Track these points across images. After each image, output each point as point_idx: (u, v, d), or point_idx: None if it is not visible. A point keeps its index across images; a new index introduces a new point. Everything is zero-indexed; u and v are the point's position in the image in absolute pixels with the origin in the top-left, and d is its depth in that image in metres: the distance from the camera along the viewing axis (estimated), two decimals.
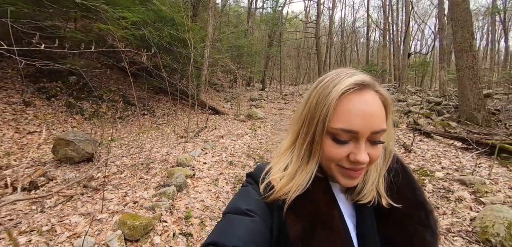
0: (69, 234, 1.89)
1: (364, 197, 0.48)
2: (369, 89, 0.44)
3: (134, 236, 1.84)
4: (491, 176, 2.85)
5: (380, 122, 0.43)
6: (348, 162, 0.44)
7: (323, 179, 0.49)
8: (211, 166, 3.46)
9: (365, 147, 0.44)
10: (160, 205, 2.25)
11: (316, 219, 0.45)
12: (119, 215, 2.12)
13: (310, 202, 0.47)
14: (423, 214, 0.48)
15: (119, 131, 6.37)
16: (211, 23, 9.19)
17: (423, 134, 4.91)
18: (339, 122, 0.43)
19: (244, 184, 0.55)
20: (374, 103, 0.43)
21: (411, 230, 0.47)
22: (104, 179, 2.90)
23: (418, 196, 0.50)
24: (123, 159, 4.05)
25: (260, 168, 0.55)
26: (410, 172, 0.54)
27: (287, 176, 0.48)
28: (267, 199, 0.48)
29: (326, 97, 0.44)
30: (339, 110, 0.43)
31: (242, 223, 0.44)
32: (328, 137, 0.45)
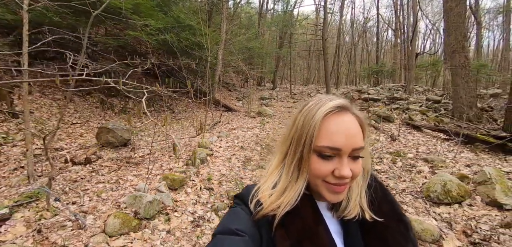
0: (129, 184, 2.76)
1: (349, 213, 0.52)
2: (347, 111, 0.50)
3: (174, 186, 2.69)
4: (456, 158, 3.50)
5: (359, 140, 0.49)
6: (333, 177, 0.48)
7: (310, 197, 0.52)
8: (226, 149, 4.30)
9: (348, 163, 0.48)
10: (189, 170, 3.10)
11: (304, 234, 0.48)
12: (160, 175, 2.98)
13: (298, 218, 0.49)
14: (403, 227, 0.53)
15: (144, 124, 7.36)
16: (224, 27, 10.08)
17: (414, 128, 5.53)
18: (324, 140, 0.48)
19: (232, 206, 0.57)
20: (352, 123, 0.49)
21: (393, 242, 0.51)
22: (149, 155, 3.80)
23: (397, 210, 0.55)
24: (153, 145, 4.97)
25: (248, 189, 0.57)
26: (386, 188, 0.60)
27: (277, 192, 0.51)
28: (257, 215, 0.50)
29: (311, 119, 0.49)
30: (323, 129, 0.48)
31: (232, 242, 0.46)
32: (315, 155, 0.49)
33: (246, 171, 3.54)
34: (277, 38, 20.55)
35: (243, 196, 0.56)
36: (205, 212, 2.44)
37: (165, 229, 2.11)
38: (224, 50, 10.55)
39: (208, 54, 6.21)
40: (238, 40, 12.72)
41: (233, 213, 0.53)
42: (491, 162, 3.30)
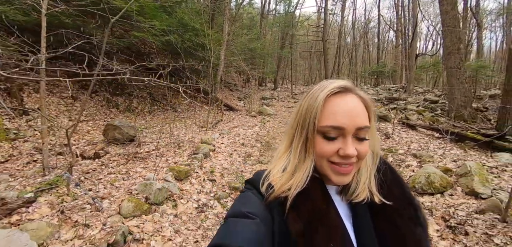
0: (138, 175, 3.01)
1: (358, 196, 0.53)
2: (350, 92, 0.52)
3: (180, 177, 2.94)
4: (445, 154, 3.73)
5: (363, 119, 0.50)
6: (338, 157, 0.49)
7: (319, 179, 0.53)
8: (227, 145, 4.55)
9: (353, 143, 0.49)
10: (193, 163, 3.35)
11: (315, 216, 0.49)
12: (167, 168, 3.23)
13: (309, 200, 0.50)
14: (412, 210, 0.54)
15: (148, 122, 7.62)
16: (226, 28, 10.34)
17: (409, 127, 5.74)
18: (327, 120, 0.49)
19: (243, 190, 0.59)
20: (356, 103, 0.51)
21: (402, 225, 0.51)
22: (155, 150, 4.04)
23: (407, 193, 0.56)
24: (158, 141, 5.22)
25: (258, 174, 0.59)
26: (397, 172, 0.60)
27: (287, 174, 0.52)
28: (269, 198, 0.51)
29: (314, 101, 0.50)
30: (326, 110, 0.50)
31: (244, 225, 0.47)
32: (319, 136, 0.50)
33: (246, 165, 3.78)
34: (278, 39, 20.80)
35: (253, 181, 0.57)
36: (208, 200, 2.69)
37: (173, 213, 2.35)
38: (226, 50, 10.81)
39: (210, 55, 6.46)
40: (240, 41, 12.98)
41: (244, 197, 0.55)
42: (477, 158, 3.52)
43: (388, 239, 0.51)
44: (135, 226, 2.07)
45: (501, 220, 2.09)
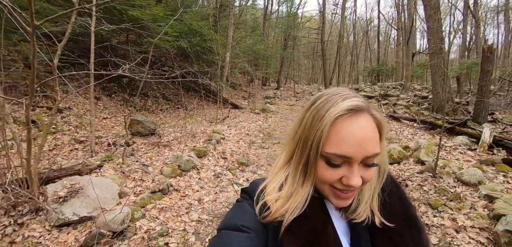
0: (167, 154, 3.99)
1: (358, 215, 0.50)
2: (363, 113, 0.46)
3: (200, 154, 3.91)
4: (414, 138, 4.62)
5: (373, 146, 0.45)
6: (341, 184, 0.46)
7: (318, 198, 0.51)
8: (235, 135, 5.51)
9: (358, 170, 0.45)
10: (208, 146, 4.32)
11: (312, 237, 0.47)
12: (188, 149, 4.20)
13: (306, 222, 0.48)
14: (416, 233, 0.51)
15: (162, 119, 8.64)
16: (231, 32, 11.33)
17: (394, 119, 6.62)
18: (333, 147, 0.44)
19: (239, 200, 0.57)
20: (367, 128, 0.45)
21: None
22: (179, 138, 5.02)
23: (410, 214, 0.53)
24: (179, 131, 6.22)
25: (255, 184, 0.57)
26: (402, 190, 0.58)
27: (283, 198, 0.50)
28: (264, 220, 0.49)
29: (320, 121, 0.45)
30: (332, 135, 0.44)
31: (237, 239, 0.46)
32: (322, 160, 0.46)
33: (251, 149, 4.74)
34: (281, 40, 21.75)
35: (250, 191, 0.56)
36: (222, 170, 3.65)
37: (197, 177, 3.32)
38: (231, 53, 11.78)
39: (218, 59, 7.44)
40: (244, 43, 13.95)
41: (239, 208, 0.54)
42: (437, 139, 4.41)
43: None
44: (173, 182, 3.04)
45: (432, 176, 3.00)
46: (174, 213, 2.48)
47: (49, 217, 2.04)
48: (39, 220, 2.04)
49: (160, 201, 2.61)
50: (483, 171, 3.03)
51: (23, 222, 2.00)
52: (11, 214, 2.06)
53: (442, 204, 2.47)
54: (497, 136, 3.99)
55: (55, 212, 2.03)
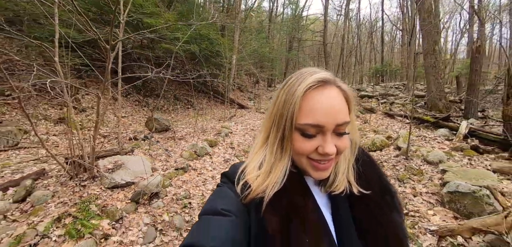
0: (183, 144, 4.73)
1: (337, 187, 0.53)
2: (330, 85, 0.50)
3: (211, 144, 4.64)
4: (400, 130, 5.23)
5: (343, 115, 0.49)
6: (317, 154, 0.49)
7: (297, 173, 0.54)
8: (241, 130, 6.23)
9: (332, 139, 0.48)
10: (218, 138, 5.05)
11: (292, 210, 0.49)
12: (201, 140, 4.93)
13: (285, 196, 0.50)
14: (389, 197, 0.56)
15: (174, 118, 9.44)
16: (237, 37, 12.09)
17: (388, 116, 7.22)
18: (305, 118, 0.48)
19: (219, 184, 0.58)
20: (336, 98, 0.49)
21: (380, 213, 0.53)
22: (192, 132, 5.77)
23: (383, 181, 0.59)
24: (187, 130, 6.98)
25: (235, 167, 0.59)
26: (374, 160, 0.63)
27: (263, 174, 0.52)
28: (245, 199, 0.51)
29: (292, 95, 0.49)
30: (304, 106, 0.48)
31: (218, 223, 0.47)
32: (297, 133, 0.49)
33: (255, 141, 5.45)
34: (286, 42, 22.45)
35: (229, 175, 0.58)
36: (230, 156, 4.36)
37: (210, 161, 4.05)
38: (237, 55, 12.54)
39: (226, 62, 8.18)
40: (250, 47, 14.70)
41: (219, 192, 0.55)
42: (422, 133, 5.02)
43: (366, 227, 0.52)
44: (191, 163, 3.77)
45: (405, 158, 3.64)
46: (193, 184, 3.20)
47: (103, 182, 2.79)
48: (96, 184, 2.79)
49: (182, 176, 3.34)
50: (451, 155, 3.66)
51: (85, 185, 2.75)
52: (75, 180, 2.82)
53: (407, 177, 3.12)
54: (472, 128, 4.58)
55: (107, 178, 2.78)
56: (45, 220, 2.20)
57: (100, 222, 2.25)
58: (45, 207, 2.36)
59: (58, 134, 6.05)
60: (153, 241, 2.19)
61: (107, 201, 2.53)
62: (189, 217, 2.57)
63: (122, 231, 2.24)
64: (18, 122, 5.55)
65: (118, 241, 2.13)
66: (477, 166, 3.34)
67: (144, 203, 2.61)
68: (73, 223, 2.18)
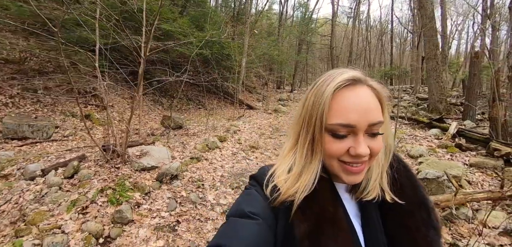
0: (196, 139, 5.37)
1: (369, 194, 0.52)
2: (361, 84, 0.49)
3: (221, 140, 5.27)
4: (396, 130, 5.68)
5: (376, 114, 0.48)
6: (349, 156, 0.48)
7: (328, 179, 0.53)
8: (248, 128, 6.82)
9: (365, 140, 0.47)
10: (227, 135, 5.66)
11: (322, 217, 0.48)
12: (211, 136, 5.56)
13: (316, 202, 0.49)
14: (425, 213, 0.53)
15: (186, 117, 10.14)
16: (247, 40, 12.72)
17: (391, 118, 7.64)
18: (336, 118, 0.47)
19: (248, 187, 0.58)
20: (367, 97, 0.48)
21: (414, 229, 0.51)
22: (205, 129, 6.40)
23: (420, 194, 0.55)
24: (198, 127, 7.64)
25: (263, 170, 0.58)
26: (411, 170, 0.60)
27: (293, 177, 0.51)
28: (274, 202, 0.50)
29: (321, 96, 0.48)
30: (334, 106, 0.47)
31: (245, 226, 0.47)
32: (328, 134, 0.49)
33: (260, 138, 6.02)
34: (296, 44, 22.94)
35: (258, 178, 0.58)
36: (238, 150, 4.96)
37: (220, 153, 4.65)
38: (246, 58, 13.16)
39: (236, 64, 8.80)
40: (259, 50, 15.30)
41: (247, 195, 0.55)
42: (416, 132, 5.45)
43: (398, 241, 0.50)
44: (203, 155, 4.38)
45: None
46: (205, 171, 3.81)
47: (133, 165, 3.43)
48: (127, 167, 3.44)
49: (196, 164, 3.96)
50: (435, 152, 4.11)
51: (118, 167, 3.40)
52: (110, 163, 3.48)
53: None
54: (460, 128, 4.99)
55: (136, 163, 3.43)
56: (91, 190, 2.85)
57: (133, 194, 2.88)
58: (90, 182, 3.02)
59: (83, 128, 6.82)
60: (174, 210, 2.80)
61: (137, 180, 3.17)
62: (202, 194, 3.18)
63: (150, 201, 2.87)
64: (50, 118, 6.33)
65: (147, 208, 2.76)
66: (456, 161, 3.79)
67: (166, 182, 3.24)
68: (113, 193, 2.82)
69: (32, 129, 5.11)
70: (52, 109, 7.02)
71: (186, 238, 2.43)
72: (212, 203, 3.04)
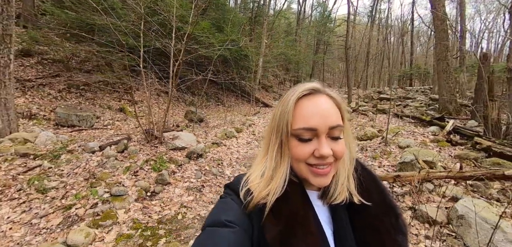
0: (216, 130, 6.29)
1: (337, 197, 0.56)
2: (320, 93, 0.56)
3: (237, 131, 6.17)
4: (397, 126, 6.26)
5: (335, 118, 0.53)
6: (314, 159, 0.53)
7: (299, 184, 0.57)
8: (262, 123, 7.69)
9: (327, 143, 0.52)
10: (243, 127, 6.55)
11: (293, 221, 0.51)
12: (229, 128, 6.46)
13: (287, 206, 0.53)
14: (393, 217, 0.57)
15: (206, 112, 11.15)
16: (264, 41, 13.56)
17: (396, 116, 8.14)
18: (299, 123, 0.53)
19: (223, 196, 0.61)
20: (326, 104, 0.54)
21: (382, 231, 0.55)
22: (217, 125, 7.35)
23: (387, 199, 0.60)
24: (218, 121, 8.61)
25: (238, 178, 0.62)
26: (376, 176, 0.64)
27: (265, 180, 0.56)
28: (248, 205, 0.54)
29: (286, 106, 0.55)
30: (297, 113, 0.54)
31: (222, 235, 0.49)
32: (294, 139, 0.54)
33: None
34: (314, 44, 23.43)
35: (233, 186, 0.61)
36: (252, 140, 5.83)
37: (236, 141, 5.55)
38: (264, 58, 14.01)
39: (252, 65, 9.67)
40: (277, 50, 16.09)
41: (223, 204, 0.57)
42: (415, 129, 6.02)
43: (367, 243, 0.55)
44: (223, 141, 5.29)
45: (384, 144, 4.77)
46: (224, 153, 4.71)
47: (167, 145, 4.39)
48: (163, 147, 4.40)
49: (216, 148, 4.87)
50: (425, 145, 4.72)
51: (156, 147, 4.38)
52: (150, 143, 4.46)
53: (379, 157, 4.30)
54: (456, 126, 5.50)
55: (170, 144, 4.38)
56: (139, 161, 3.83)
57: (169, 165, 3.83)
58: (137, 155, 4.00)
59: (119, 120, 7.99)
60: (200, 178, 3.71)
61: (172, 156, 4.12)
62: (221, 170, 4.07)
63: (182, 171, 3.80)
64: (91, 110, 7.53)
65: (180, 176, 3.69)
66: (442, 152, 4.39)
67: (193, 159, 4.17)
68: (154, 163, 3.78)
69: (79, 118, 6.24)
70: (92, 102, 8.24)
71: (209, 197, 3.32)
72: (228, 175, 3.92)
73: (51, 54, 8.89)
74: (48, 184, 3.22)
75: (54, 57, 9.04)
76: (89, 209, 2.80)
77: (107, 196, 3.05)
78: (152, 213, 2.85)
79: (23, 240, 2.38)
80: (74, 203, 2.90)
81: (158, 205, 3.02)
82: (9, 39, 4.13)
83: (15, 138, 4.09)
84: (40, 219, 2.71)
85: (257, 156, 0.64)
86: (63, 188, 3.21)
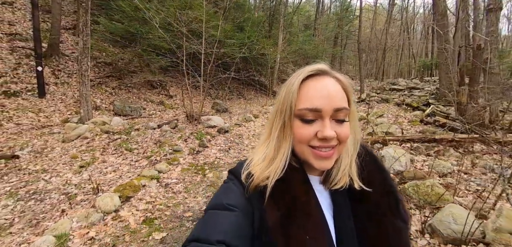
0: (237, 117, 8.20)
1: (338, 182, 0.57)
2: (326, 75, 0.56)
3: (255, 116, 8.05)
4: (389, 111, 7.75)
5: (340, 100, 0.54)
6: (317, 140, 0.53)
7: (301, 170, 0.58)
8: None
9: (331, 125, 0.53)
10: (259, 114, 8.40)
11: (294, 206, 0.53)
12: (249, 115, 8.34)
13: (288, 191, 0.55)
14: (394, 203, 0.59)
15: (228, 104, 13.14)
16: (280, 37, 15.23)
17: (397, 105, 9.52)
18: (303, 103, 0.54)
19: (226, 180, 0.64)
20: (332, 85, 0.54)
21: (383, 218, 0.56)
22: (239, 114, 9.28)
23: (388, 184, 0.61)
24: (239, 111, 10.54)
25: (240, 163, 0.64)
26: (379, 160, 0.66)
27: (266, 161, 0.58)
28: (249, 187, 0.56)
29: (291, 87, 0.56)
30: (302, 93, 0.55)
31: (223, 217, 0.52)
32: (297, 119, 0.55)
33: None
34: (332, 37, 24.50)
35: (236, 171, 0.63)
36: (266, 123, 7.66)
37: (253, 124, 7.43)
38: (281, 53, 15.66)
39: (269, 61, 11.46)
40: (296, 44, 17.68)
41: (225, 189, 0.60)
42: (402, 113, 7.48)
43: (367, 229, 0.56)
44: (243, 124, 7.19)
45: (365, 123, 6.37)
46: (244, 132, 6.60)
47: (204, 124, 6.38)
48: (201, 126, 6.39)
49: (238, 128, 6.79)
50: (400, 123, 6.25)
51: (196, 125, 6.37)
52: (191, 123, 6.46)
53: None
54: (434, 110, 6.93)
55: (206, 123, 6.36)
56: (186, 133, 5.83)
57: (206, 136, 5.80)
58: (184, 131, 6.01)
59: (161, 110, 10.18)
60: (227, 144, 5.63)
61: (207, 131, 6.09)
62: (241, 140, 5.97)
63: (215, 140, 5.75)
64: (138, 102, 9.72)
65: (214, 142, 5.64)
66: (411, 129, 5.93)
67: (222, 133, 6.11)
68: (196, 135, 5.76)
69: (131, 109, 8.39)
70: (138, 97, 10.49)
71: (233, 154, 5.23)
72: (246, 144, 5.81)
73: (102, 58, 11.30)
74: (131, 146, 5.31)
75: (105, 60, 11.44)
76: (163, 157, 4.82)
77: (171, 151, 5.06)
78: (199, 160, 4.81)
79: (129, 170, 4.43)
80: (152, 155, 4.94)
81: (202, 157, 4.98)
82: (88, 50, 6.27)
83: (95, 122, 6.23)
84: (134, 162, 4.77)
85: (260, 139, 0.66)
86: (142, 148, 5.27)
